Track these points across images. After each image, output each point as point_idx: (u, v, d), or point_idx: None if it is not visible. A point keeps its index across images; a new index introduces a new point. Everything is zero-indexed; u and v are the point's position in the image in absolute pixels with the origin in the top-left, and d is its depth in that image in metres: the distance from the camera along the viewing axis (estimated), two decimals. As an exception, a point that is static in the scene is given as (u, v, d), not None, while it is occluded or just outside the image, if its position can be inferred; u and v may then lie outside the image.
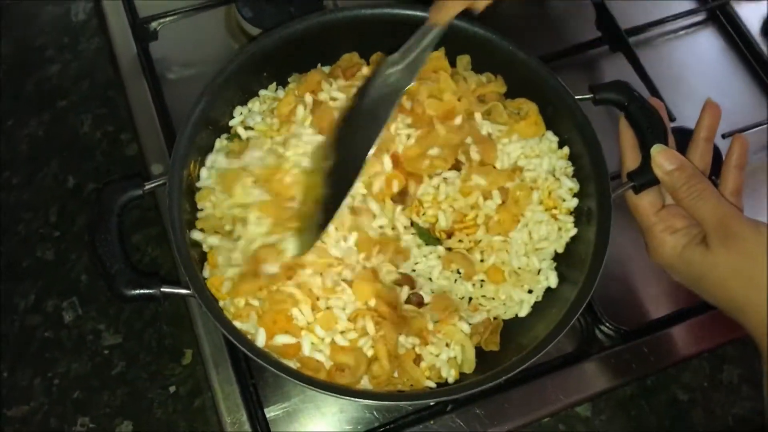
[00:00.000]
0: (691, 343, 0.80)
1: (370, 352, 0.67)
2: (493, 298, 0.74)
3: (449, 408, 0.76)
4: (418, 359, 0.69)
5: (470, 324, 0.71)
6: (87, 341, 0.80)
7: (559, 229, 0.74)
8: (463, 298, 0.74)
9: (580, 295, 0.68)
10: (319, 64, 0.81)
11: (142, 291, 0.65)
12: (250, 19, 0.93)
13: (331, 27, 0.78)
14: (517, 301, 0.73)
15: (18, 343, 0.79)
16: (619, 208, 0.70)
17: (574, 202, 0.74)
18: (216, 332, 0.77)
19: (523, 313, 0.74)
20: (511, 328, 0.74)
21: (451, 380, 0.69)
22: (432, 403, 0.76)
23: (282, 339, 0.67)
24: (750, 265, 0.62)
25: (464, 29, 0.77)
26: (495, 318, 0.73)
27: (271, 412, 0.76)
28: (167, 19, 0.92)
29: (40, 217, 0.86)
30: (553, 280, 0.74)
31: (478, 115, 0.77)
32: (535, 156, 0.76)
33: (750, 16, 1.01)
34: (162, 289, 0.65)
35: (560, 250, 0.75)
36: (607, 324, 0.80)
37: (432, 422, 0.75)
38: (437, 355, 0.69)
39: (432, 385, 0.68)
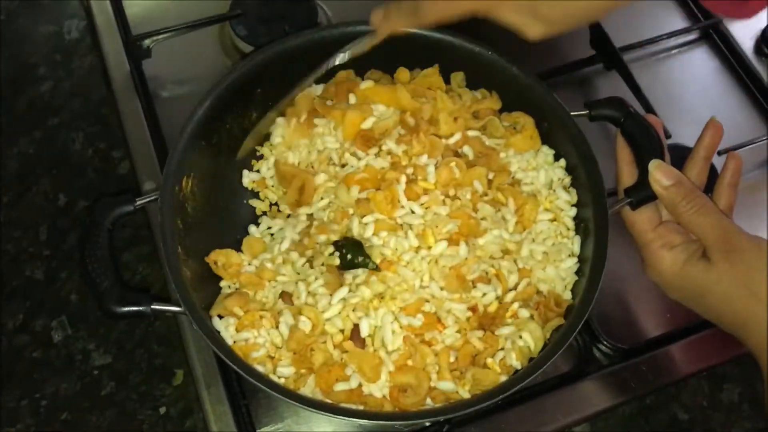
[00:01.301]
0: (691, 362, 0.79)
1: (433, 370, 0.66)
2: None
3: (445, 429, 0.74)
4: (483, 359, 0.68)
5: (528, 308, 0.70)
6: (76, 361, 0.78)
7: (564, 236, 0.73)
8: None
9: (578, 313, 0.67)
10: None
11: (132, 308, 0.63)
12: (245, 37, 0.93)
13: (325, 44, 0.78)
14: (556, 277, 0.71)
15: (5, 364, 0.78)
16: (615, 224, 0.69)
17: (573, 212, 0.74)
18: (208, 352, 0.76)
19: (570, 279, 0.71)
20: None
21: (519, 367, 0.67)
22: (427, 424, 0.74)
23: (341, 386, 0.65)
24: (753, 279, 0.62)
25: (459, 46, 0.77)
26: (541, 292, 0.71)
27: (263, 434, 0.75)
28: (160, 36, 0.91)
29: (30, 235, 0.85)
30: (576, 245, 0.72)
31: (473, 132, 0.77)
32: (532, 169, 0.75)
33: (743, 35, 1.01)
34: (153, 307, 0.64)
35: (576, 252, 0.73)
36: (605, 342, 0.79)
37: (428, 443, 0.74)
38: (503, 348, 0.68)
39: (505, 378, 0.67)
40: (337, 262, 0.70)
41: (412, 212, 0.72)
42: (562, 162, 0.76)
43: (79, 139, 0.91)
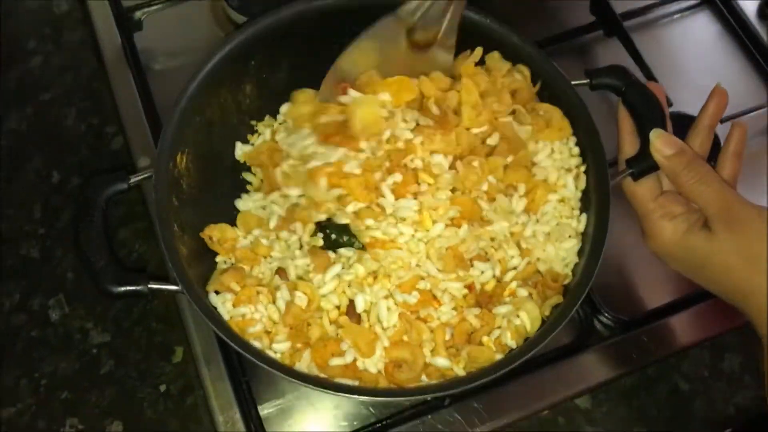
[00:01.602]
0: (692, 332, 0.79)
1: (429, 347, 0.66)
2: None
3: (447, 402, 0.74)
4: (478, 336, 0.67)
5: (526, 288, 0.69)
6: (74, 340, 0.78)
7: (568, 216, 0.72)
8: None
9: (578, 287, 0.66)
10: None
11: (128, 288, 0.62)
12: (237, 8, 0.91)
13: (319, 15, 0.76)
14: (556, 257, 0.70)
15: (3, 343, 0.77)
16: (615, 195, 0.68)
17: (578, 195, 0.72)
18: (207, 329, 0.76)
19: (571, 258, 0.70)
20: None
21: (514, 346, 0.67)
22: (429, 398, 0.75)
23: (337, 361, 0.65)
24: (755, 248, 0.61)
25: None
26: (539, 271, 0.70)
27: (264, 410, 0.74)
28: (152, 8, 0.90)
29: (24, 213, 0.84)
30: (582, 224, 0.71)
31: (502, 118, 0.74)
32: (548, 155, 0.73)
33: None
34: (150, 286, 0.63)
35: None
36: (606, 314, 0.78)
37: (429, 417, 0.74)
38: (499, 327, 0.67)
39: (500, 357, 0.66)
40: (321, 243, 0.69)
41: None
42: (576, 150, 0.73)
43: (71, 115, 0.90)
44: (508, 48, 0.75)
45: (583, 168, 0.72)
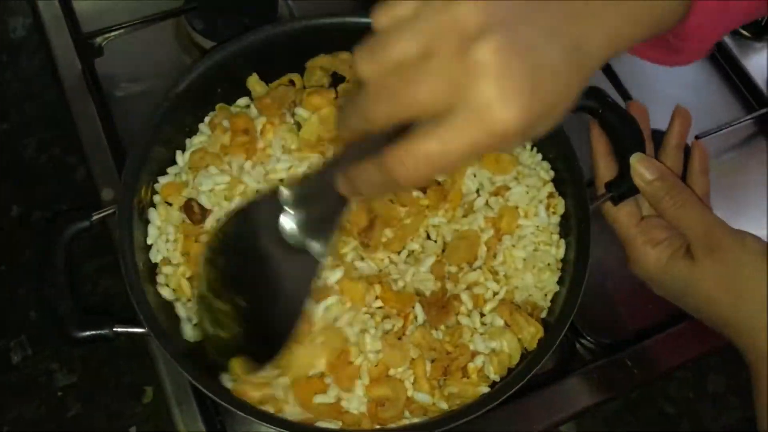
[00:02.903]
0: (675, 354, 0.77)
1: (409, 377, 0.64)
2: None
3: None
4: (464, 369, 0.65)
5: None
6: (39, 383, 0.74)
7: (547, 243, 0.70)
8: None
9: (561, 317, 0.65)
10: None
11: (93, 332, 0.60)
12: (201, 31, 0.88)
13: (286, 39, 0.74)
14: (533, 287, 0.69)
15: (-38, 390, 0.74)
16: (595, 217, 0.67)
17: (556, 219, 0.71)
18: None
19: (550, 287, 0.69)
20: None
21: (497, 379, 0.65)
22: (410, 431, 0.72)
23: (320, 398, 0.63)
24: (736, 276, 0.60)
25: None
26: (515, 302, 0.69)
27: (240, 451, 0.72)
28: (113, 33, 0.86)
29: (-18, 250, 0.80)
30: (561, 250, 0.69)
31: None
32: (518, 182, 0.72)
33: (716, 14, 0.99)
34: (115, 329, 0.60)
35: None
36: (588, 338, 0.77)
37: (411, 447, 0.72)
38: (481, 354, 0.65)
39: (486, 390, 0.64)
40: None
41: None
42: (546, 176, 0.72)
43: (31, 146, 0.86)
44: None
45: (555, 199, 0.71)
